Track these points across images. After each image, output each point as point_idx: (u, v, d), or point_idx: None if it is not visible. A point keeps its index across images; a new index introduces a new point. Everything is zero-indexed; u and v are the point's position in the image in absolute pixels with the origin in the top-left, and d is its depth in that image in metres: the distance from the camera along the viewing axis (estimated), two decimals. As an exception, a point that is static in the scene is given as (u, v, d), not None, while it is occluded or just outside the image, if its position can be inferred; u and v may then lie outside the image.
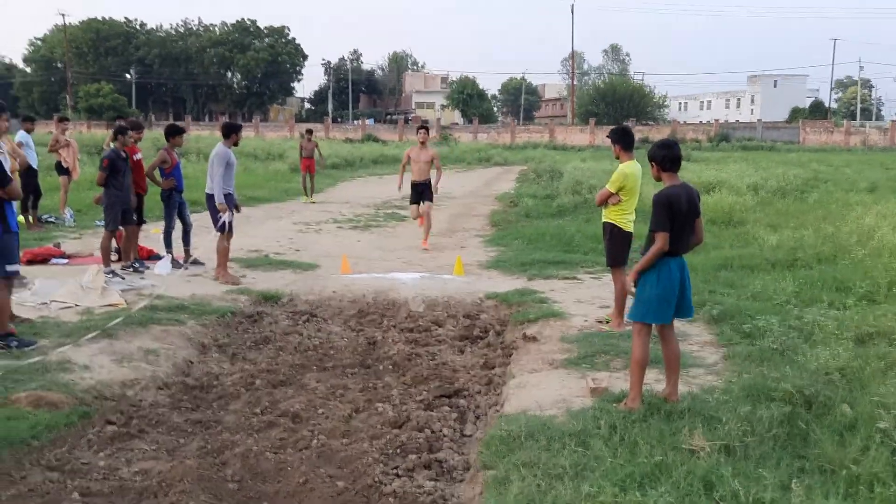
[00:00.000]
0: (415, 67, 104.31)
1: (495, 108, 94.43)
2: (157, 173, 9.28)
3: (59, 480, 4.02)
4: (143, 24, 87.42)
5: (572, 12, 66.83)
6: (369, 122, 70.45)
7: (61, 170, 13.37)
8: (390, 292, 8.27)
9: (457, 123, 69.68)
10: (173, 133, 9.48)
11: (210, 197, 8.62)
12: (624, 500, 3.28)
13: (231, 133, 8.67)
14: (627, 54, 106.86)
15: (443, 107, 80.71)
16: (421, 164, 11.19)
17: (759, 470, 3.49)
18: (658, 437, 3.99)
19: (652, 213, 4.53)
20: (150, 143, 22.35)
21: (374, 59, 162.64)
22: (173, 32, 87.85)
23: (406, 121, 72.10)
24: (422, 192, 11.24)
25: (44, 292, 7.60)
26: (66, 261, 9.54)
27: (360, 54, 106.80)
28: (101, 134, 36.62)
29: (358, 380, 5.79)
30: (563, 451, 3.91)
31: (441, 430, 4.77)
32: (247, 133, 58.73)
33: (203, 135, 53.71)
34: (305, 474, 4.12)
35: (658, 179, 4.76)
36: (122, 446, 4.48)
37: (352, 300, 8.07)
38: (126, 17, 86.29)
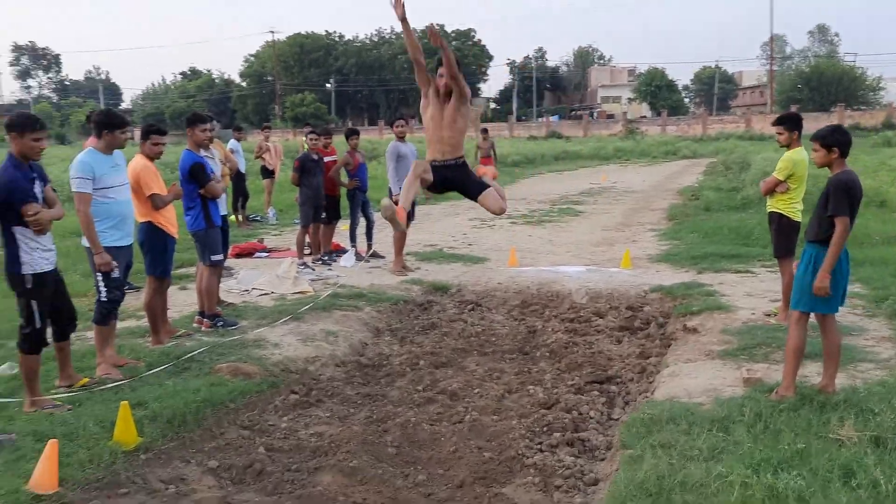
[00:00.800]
0: (601, 62, 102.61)
1: (687, 99, 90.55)
2: (342, 174, 10.13)
3: (249, 437, 4.69)
4: (341, 36, 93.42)
5: (771, -7, 62.61)
6: (553, 119, 70.38)
7: (266, 173, 14.86)
8: (554, 284, 8.48)
9: (644, 117, 67.72)
10: (349, 135, 10.32)
11: (389, 190, 9.34)
12: (755, 482, 3.30)
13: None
14: (836, 34, 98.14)
15: (630, 100, 78.75)
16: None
17: (901, 459, 3.35)
18: (804, 426, 3.92)
19: (832, 198, 4.37)
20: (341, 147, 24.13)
21: (559, 56, 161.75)
22: (368, 42, 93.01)
23: (591, 116, 71.21)
24: None
25: (246, 281, 8.64)
26: (266, 254, 10.68)
27: (545, 52, 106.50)
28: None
29: (514, 364, 6.08)
30: (703, 434, 3.97)
31: (588, 413, 4.94)
32: (434, 135, 61.07)
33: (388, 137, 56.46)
34: (456, 444, 4.48)
35: (823, 165, 4.60)
36: (301, 412, 5.10)
37: (516, 291, 8.38)
38: (326, 31, 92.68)
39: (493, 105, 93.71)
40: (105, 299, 5.48)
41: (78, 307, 5.63)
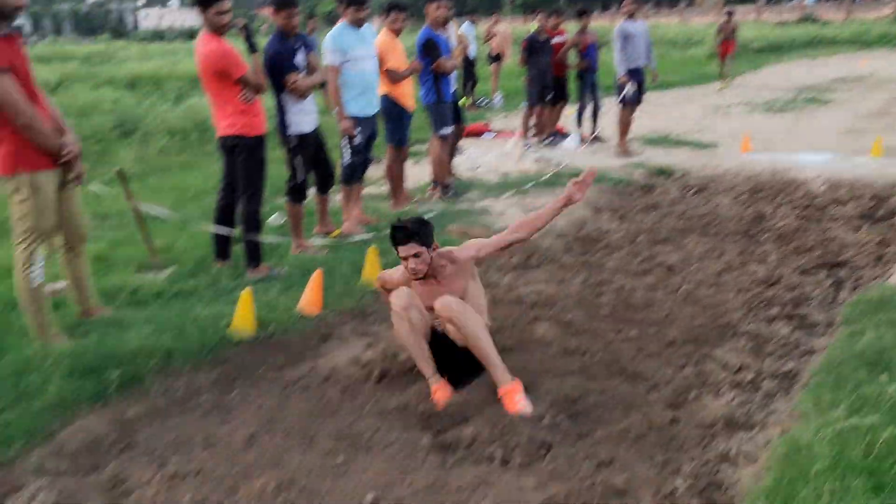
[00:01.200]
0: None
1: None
2: (571, 54, 10.10)
3: (475, 288, 5.17)
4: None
5: None
6: (809, 1, 62.84)
7: (493, 59, 15.12)
8: (790, 171, 8.02)
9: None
10: (580, 14, 10.17)
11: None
12: None
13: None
14: None
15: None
16: None
17: None
18: None
19: None
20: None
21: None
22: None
23: (855, -2, 62.57)
24: None
25: (473, 158, 9.12)
26: (493, 135, 11.09)
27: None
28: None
29: (737, 246, 5.99)
30: (937, 316, 3.78)
31: (812, 293, 4.83)
32: (669, 20, 57.36)
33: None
34: (670, 309, 4.64)
35: None
36: (521, 273, 5.50)
37: (747, 177, 8.05)
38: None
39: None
40: (348, 162, 6.16)
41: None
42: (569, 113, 11.93)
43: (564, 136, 10.53)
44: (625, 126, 9.22)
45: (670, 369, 3.88)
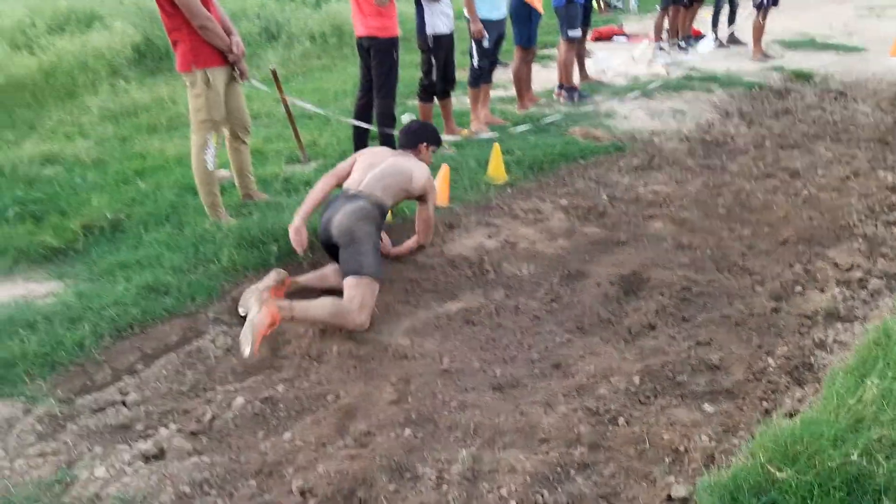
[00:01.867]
0: None
1: None
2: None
3: (594, 187, 5.40)
4: None
5: None
6: None
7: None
8: (943, 77, 7.56)
9: None
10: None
11: None
12: None
13: None
14: None
15: None
16: None
17: None
18: None
19: None
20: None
21: None
22: None
23: None
24: None
25: (602, 62, 9.11)
26: (625, 38, 10.92)
27: None
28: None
29: (870, 152, 5.86)
30: None
31: (942, 201, 4.76)
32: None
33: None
34: (787, 211, 4.73)
35: None
36: (641, 175, 5.67)
37: (893, 83, 7.66)
38: None
39: None
40: (477, 65, 6.41)
41: (460, 78, 6.72)
42: (705, 15, 11.52)
43: (699, 38, 10.23)
44: (759, 30, 8.88)
45: (779, 266, 4.05)
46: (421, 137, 4.41)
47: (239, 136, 4.72)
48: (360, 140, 5.72)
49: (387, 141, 5.50)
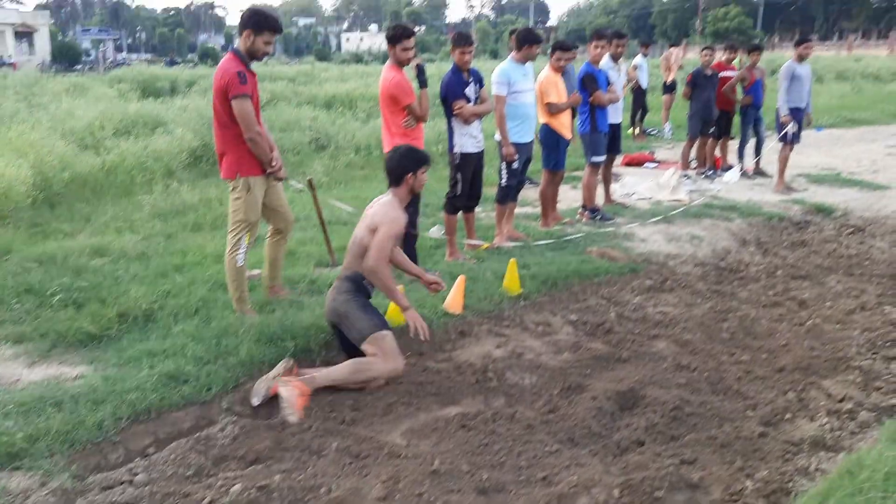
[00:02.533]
0: None
1: None
2: (737, 90, 10.18)
3: (605, 305, 5.60)
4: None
5: None
6: None
7: (666, 89, 15.23)
8: (962, 218, 7.70)
9: None
10: (751, 50, 10.22)
11: (778, 110, 9.24)
12: None
13: (795, 46, 9.14)
14: None
15: None
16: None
17: None
18: None
19: None
20: (766, 64, 22.97)
21: None
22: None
23: None
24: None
25: (629, 186, 9.48)
26: (655, 165, 11.33)
27: None
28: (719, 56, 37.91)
29: (880, 287, 5.98)
30: None
31: (944, 339, 4.83)
32: (878, 51, 53.23)
33: (825, 55, 50.86)
34: (788, 340, 4.86)
35: None
36: (653, 295, 5.86)
37: (916, 219, 7.83)
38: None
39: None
40: (504, 184, 6.80)
41: (488, 194, 7.13)
42: (732, 146, 11.93)
43: (726, 169, 10.58)
44: (783, 163, 9.20)
45: (773, 393, 4.16)
46: (404, 169, 4.52)
47: (281, 231, 5.21)
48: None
49: (408, 254, 5.83)
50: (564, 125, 7.31)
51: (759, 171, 10.24)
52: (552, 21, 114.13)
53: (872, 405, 3.95)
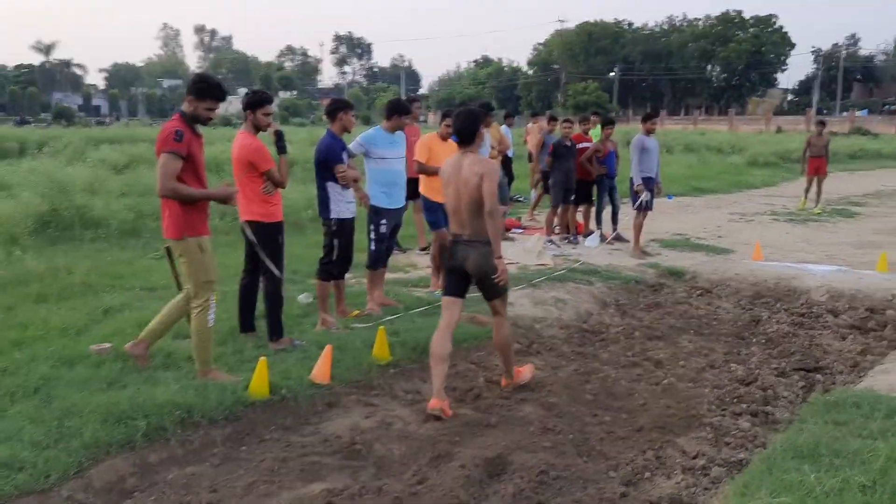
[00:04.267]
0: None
1: None
2: (594, 161, 10.78)
3: (474, 370, 5.67)
4: (630, 24, 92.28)
5: None
6: (861, 113, 63.37)
7: (532, 157, 15.87)
8: (794, 280, 8.39)
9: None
10: (605, 124, 10.90)
11: (631, 179, 9.85)
12: (906, 457, 3.50)
13: (644, 121, 9.83)
14: None
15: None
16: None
17: None
18: None
19: None
20: (621, 136, 24.58)
21: (875, 44, 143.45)
22: (657, 30, 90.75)
23: (908, 111, 62.94)
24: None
25: (498, 251, 9.70)
26: (521, 231, 11.71)
27: (858, 39, 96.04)
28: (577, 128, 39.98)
29: (726, 346, 6.38)
30: (880, 419, 4.12)
31: (782, 394, 5.18)
32: (719, 127, 58.32)
33: (674, 128, 55.09)
34: (647, 399, 5.05)
35: None
36: (520, 359, 5.93)
37: (752, 283, 8.45)
38: (616, 19, 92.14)
39: (789, 97, 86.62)
40: (373, 249, 6.80)
41: (360, 260, 7.09)
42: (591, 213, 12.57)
43: (587, 234, 11.08)
44: (638, 230, 9.77)
45: (633, 452, 4.29)
46: (477, 125, 5.00)
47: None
48: (246, 321, 5.87)
49: (274, 323, 5.66)
50: (434, 189, 7.41)
51: (617, 237, 10.79)
52: (423, 89, 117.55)
53: (723, 460, 4.15)
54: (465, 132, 4.93)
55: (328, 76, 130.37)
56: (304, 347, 5.64)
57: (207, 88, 4.70)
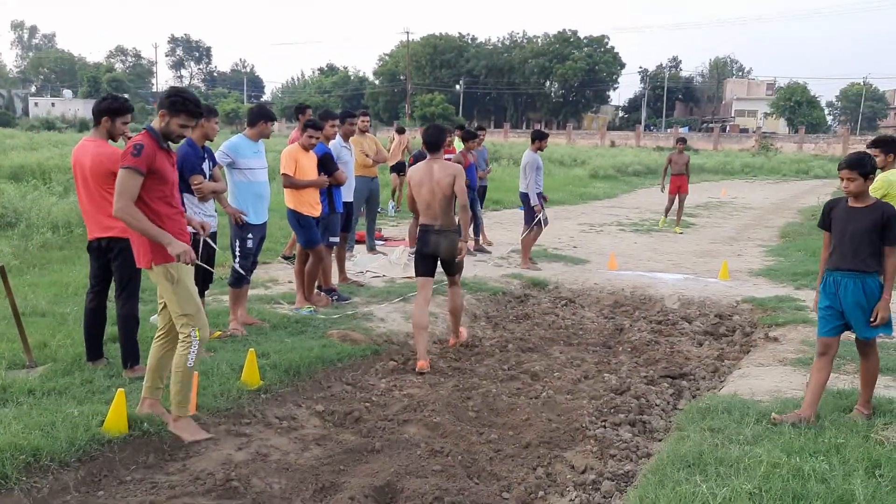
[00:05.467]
0: (739, 74, 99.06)
1: (831, 117, 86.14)
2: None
3: (351, 391, 5.43)
4: (473, 38, 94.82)
5: (932, 7, 58.24)
6: (683, 130, 68.76)
7: (393, 168, 15.75)
8: (649, 289, 8.81)
9: (774, 133, 64.80)
10: (466, 137, 10.99)
11: (525, 195, 9.94)
12: (784, 462, 3.67)
13: (536, 140, 9.96)
14: None
15: (766, 115, 75.63)
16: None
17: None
18: (850, 426, 4.21)
19: (891, 228, 4.27)
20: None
21: (693, 66, 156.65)
22: (500, 45, 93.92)
23: (723, 129, 69.02)
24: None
25: (362, 264, 9.49)
26: (383, 242, 11.54)
27: (680, 61, 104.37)
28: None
29: (596, 356, 6.54)
30: (752, 424, 4.33)
31: (655, 401, 5.34)
32: (559, 140, 61.26)
33: (518, 141, 57.15)
34: (529, 414, 5.03)
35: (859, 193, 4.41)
36: (397, 377, 5.79)
37: (610, 292, 8.78)
38: (460, 33, 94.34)
39: (620, 114, 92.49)
40: (238, 265, 6.39)
41: (219, 274, 6.61)
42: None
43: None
44: (528, 246, 9.95)
45: (523, 470, 4.23)
46: (443, 137, 6.29)
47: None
48: (93, 347, 5.30)
49: (129, 349, 5.14)
50: (307, 203, 7.09)
51: (479, 248, 10.88)
52: (266, 96, 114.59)
53: (611, 473, 4.18)
54: (433, 142, 6.11)
55: (163, 79, 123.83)
56: (163, 374, 5.16)
57: (182, 104, 4.34)
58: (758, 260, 10.99)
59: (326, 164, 7.29)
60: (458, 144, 11.68)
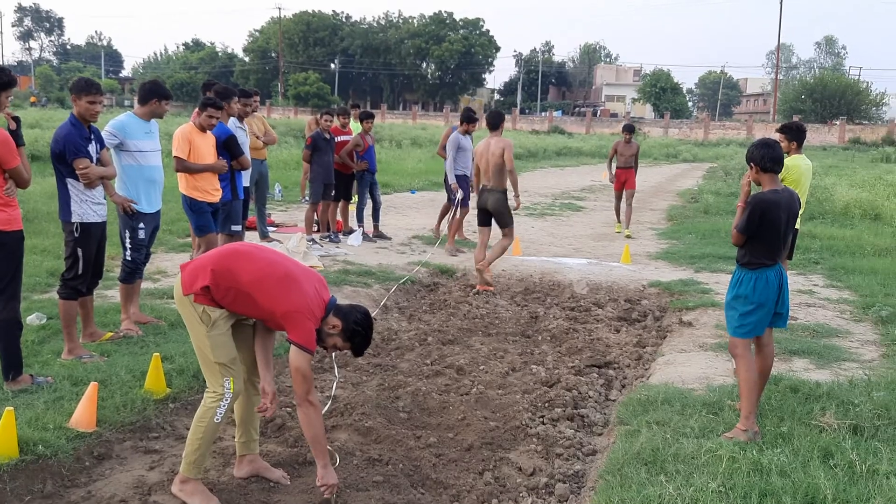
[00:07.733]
0: (607, 60, 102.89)
1: (690, 103, 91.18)
2: (353, 155, 10.40)
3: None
4: (348, 17, 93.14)
5: (780, 1, 62.71)
6: (557, 114, 70.68)
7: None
8: (556, 274, 8.79)
9: (642, 118, 67.94)
10: (363, 118, 10.60)
11: (446, 177, 9.82)
12: (741, 457, 3.63)
13: (464, 121, 9.79)
14: (844, 47, 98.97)
15: (634, 100, 79.04)
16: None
17: (876, 444, 3.69)
18: (789, 413, 4.25)
19: (743, 213, 4.29)
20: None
21: (565, 52, 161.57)
22: (375, 25, 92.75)
23: (594, 114, 71.48)
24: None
25: (258, 252, 8.91)
26: (274, 229, 10.94)
27: (552, 46, 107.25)
28: (305, 119, 39.56)
29: (518, 346, 6.39)
30: (695, 415, 4.29)
31: (587, 393, 5.25)
32: (437, 122, 61.31)
33: (396, 122, 56.75)
34: (464, 413, 4.79)
35: (757, 183, 4.39)
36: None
37: (519, 279, 8.69)
38: (334, 11, 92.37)
39: (496, 97, 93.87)
40: (129, 258, 5.76)
41: (107, 267, 5.93)
42: (351, 208, 12.19)
43: (348, 232, 10.68)
44: (456, 227, 9.73)
45: (471, 476, 3.99)
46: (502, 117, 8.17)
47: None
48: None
49: (10, 357, 4.48)
50: (202, 189, 6.50)
51: (378, 234, 10.53)
52: (126, 72, 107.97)
53: (562, 475, 4.02)
54: (494, 123, 8.22)
55: (10, 52, 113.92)
56: (50, 385, 4.54)
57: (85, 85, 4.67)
58: (652, 243, 11.26)
59: (231, 147, 6.73)
60: (354, 126, 11.24)
